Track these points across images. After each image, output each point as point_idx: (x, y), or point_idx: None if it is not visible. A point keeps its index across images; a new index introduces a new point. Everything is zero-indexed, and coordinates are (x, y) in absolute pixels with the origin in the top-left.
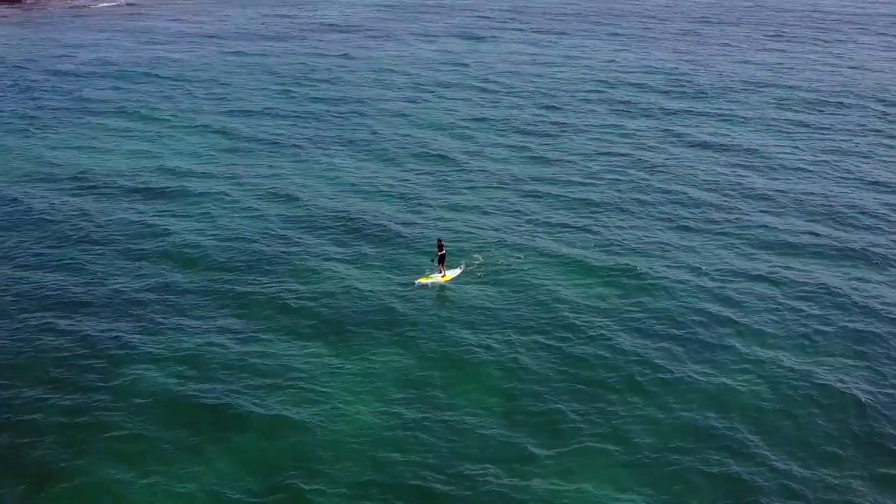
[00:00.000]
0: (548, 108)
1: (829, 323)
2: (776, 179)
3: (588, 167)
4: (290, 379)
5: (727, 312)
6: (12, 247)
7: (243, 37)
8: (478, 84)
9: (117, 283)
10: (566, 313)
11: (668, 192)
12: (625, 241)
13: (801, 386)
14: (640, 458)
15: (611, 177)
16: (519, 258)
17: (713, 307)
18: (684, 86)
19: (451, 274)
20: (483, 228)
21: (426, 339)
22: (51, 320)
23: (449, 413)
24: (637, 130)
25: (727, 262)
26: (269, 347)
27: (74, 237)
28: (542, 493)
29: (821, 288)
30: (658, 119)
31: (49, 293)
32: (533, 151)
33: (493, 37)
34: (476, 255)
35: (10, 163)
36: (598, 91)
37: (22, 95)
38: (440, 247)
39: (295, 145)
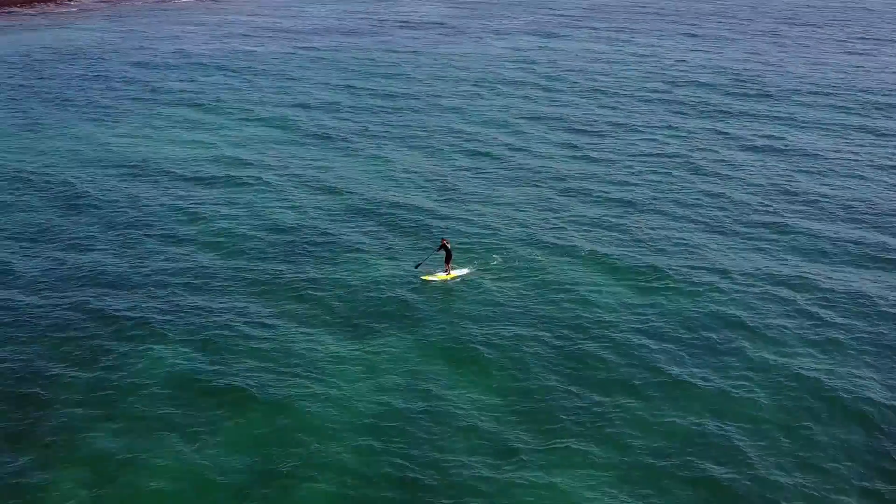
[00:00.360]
0: (606, 106)
1: (852, 332)
2: (827, 185)
3: (632, 167)
4: (294, 365)
5: (744, 317)
6: (63, 228)
7: (317, 32)
8: (540, 81)
9: (152, 266)
10: (579, 312)
11: (710, 194)
12: (653, 242)
13: (805, 396)
14: (626, 460)
15: (653, 177)
16: (539, 259)
17: (730, 311)
18: (750, 87)
19: (456, 273)
20: (512, 224)
21: (434, 332)
22: (82, 298)
23: (444, 406)
24: (691, 131)
25: (757, 267)
26: (280, 333)
27: (120, 221)
28: (522, 491)
29: (852, 297)
30: (716, 120)
31: (86, 273)
32: (580, 150)
33: (567, 34)
34: (495, 256)
35: (76, 148)
36: (661, 91)
37: (101, 85)
38: (443, 246)
39: (346, 138)
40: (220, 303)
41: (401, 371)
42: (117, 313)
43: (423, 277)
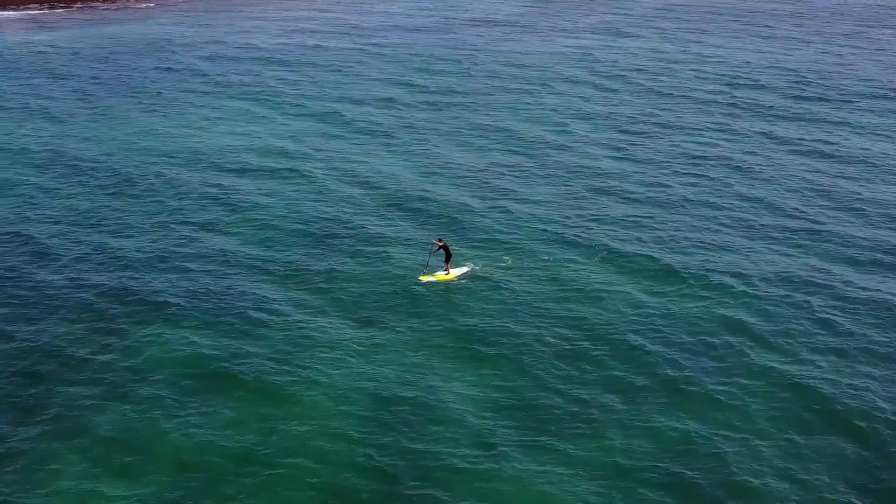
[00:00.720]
0: (658, 107)
1: (864, 342)
2: (874, 191)
3: (672, 168)
4: (297, 353)
5: (754, 323)
6: (106, 213)
7: (384, 29)
8: (597, 80)
9: (183, 253)
10: (584, 312)
11: (745, 197)
12: (675, 244)
13: (799, 406)
14: (609, 461)
15: (691, 179)
16: (549, 259)
17: (741, 317)
18: (812, 90)
19: (456, 272)
20: (536, 222)
21: (436, 328)
22: (110, 281)
23: (436, 399)
24: (741, 133)
25: (779, 272)
26: (290, 322)
27: (161, 209)
28: (502, 485)
29: (875, 306)
30: (769, 122)
31: (118, 257)
32: (623, 149)
33: (634, 34)
34: (505, 258)
35: (133, 138)
36: (718, 92)
37: (167, 78)
38: (443, 246)
39: (391, 133)
40: (239, 290)
41: (398, 364)
42: (140, 297)
43: (420, 278)
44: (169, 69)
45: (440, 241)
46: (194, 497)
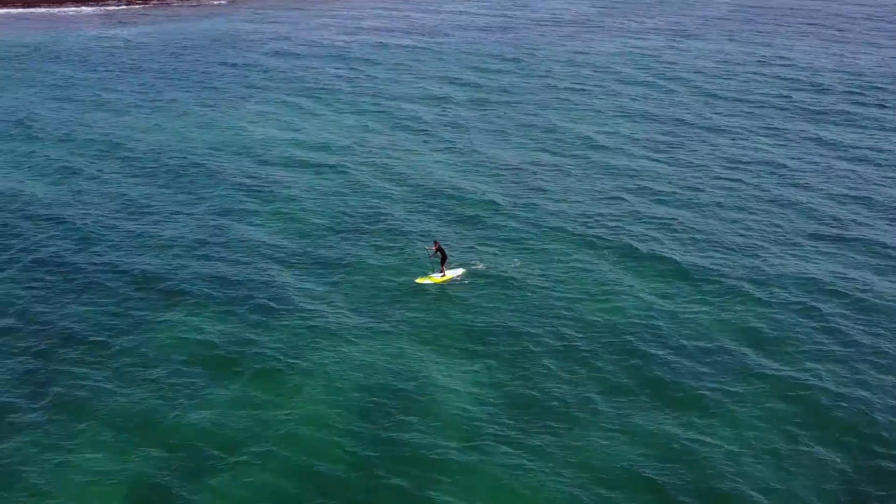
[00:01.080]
0: (712, 109)
1: (877, 351)
2: None
3: (712, 170)
4: (300, 343)
5: (763, 329)
6: (149, 201)
7: (448, 28)
8: (655, 81)
9: (214, 240)
10: (588, 312)
11: (783, 202)
12: (699, 247)
13: (791, 416)
14: (588, 462)
15: (729, 182)
16: (558, 260)
17: (753, 322)
18: (874, 95)
19: (451, 274)
20: (559, 220)
21: (440, 323)
22: (140, 266)
23: (429, 391)
24: (790, 137)
25: (799, 277)
26: (301, 310)
27: (200, 198)
28: (482, 477)
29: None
30: (821, 127)
31: (154, 242)
32: (667, 151)
33: (700, 35)
34: (515, 260)
35: (188, 130)
36: (775, 95)
37: (229, 72)
38: (438, 248)
39: (436, 130)
40: (260, 279)
41: (396, 357)
42: (166, 284)
43: (417, 280)
44: (233, 64)
45: (436, 243)
46: (188, 474)
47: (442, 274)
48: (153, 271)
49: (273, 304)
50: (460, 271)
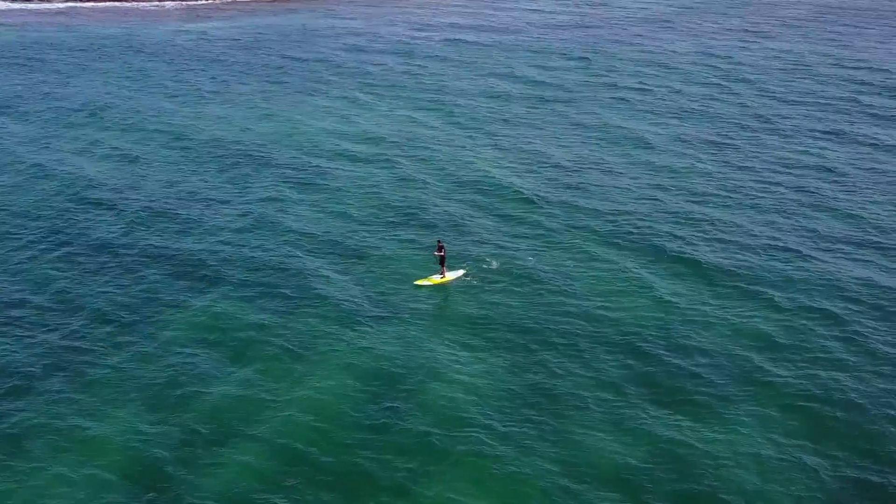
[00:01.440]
0: (775, 110)
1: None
2: None
3: (762, 172)
4: (320, 330)
5: (776, 334)
6: (205, 189)
7: (521, 25)
8: (722, 81)
9: (258, 229)
10: (595, 312)
11: (826, 207)
12: (729, 249)
13: (788, 422)
14: (583, 459)
15: (775, 185)
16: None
17: (767, 327)
18: None
19: (451, 276)
20: (594, 217)
21: (447, 318)
22: (182, 253)
23: (429, 384)
24: (851, 141)
25: (828, 284)
26: (328, 299)
27: (251, 187)
28: (465, 471)
29: None
30: (886, 130)
31: (201, 230)
32: (719, 151)
33: (778, 36)
34: (530, 258)
35: (250, 122)
36: (844, 97)
37: (302, 66)
38: (440, 248)
39: (488, 126)
40: (294, 267)
41: (407, 349)
42: (205, 269)
43: (416, 282)
44: (302, 59)
45: (440, 243)
46: (184, 452)
47: (441, 275)
48: (192, 257)
49: (297, 294)
50: (460, 273)
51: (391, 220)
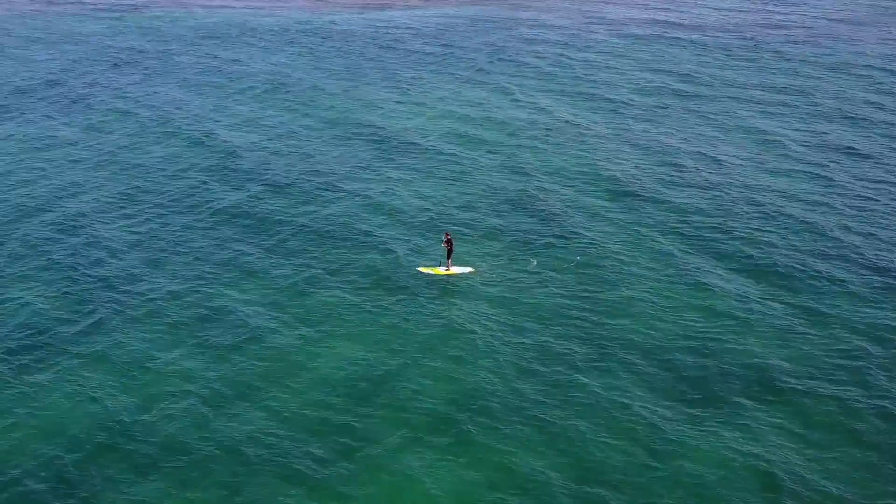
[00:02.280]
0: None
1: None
2: None
3: (801, 184)
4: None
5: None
6: (261, 173)
7: (706, 23)
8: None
9: (299, 219)
10: (594, 318)
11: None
12: (797, 261)
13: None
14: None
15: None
16: (572, 266)
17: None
18: None
19: (457, 270)
20: (642, 226)
21: (439, 318)
22: (219, 234)
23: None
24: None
25: (850, 308)
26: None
27: (312, 175)
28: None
29: None
30: None
31: (245, 222)
32: (844, 160)
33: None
34: (532, 260)
35: (346, 114)
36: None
37: (416, 61)
38: (447, 240)
39: (614, 117)
40: (322, 262)
41: (395, 340)
42: (235, 263)
43: (420, 269)
44: (426, 52)
45: (447, 235)
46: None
47: (447, 268)
48: (228, 248)
49: (321, 292)
50: (468, 269)
51: (432, 222)
